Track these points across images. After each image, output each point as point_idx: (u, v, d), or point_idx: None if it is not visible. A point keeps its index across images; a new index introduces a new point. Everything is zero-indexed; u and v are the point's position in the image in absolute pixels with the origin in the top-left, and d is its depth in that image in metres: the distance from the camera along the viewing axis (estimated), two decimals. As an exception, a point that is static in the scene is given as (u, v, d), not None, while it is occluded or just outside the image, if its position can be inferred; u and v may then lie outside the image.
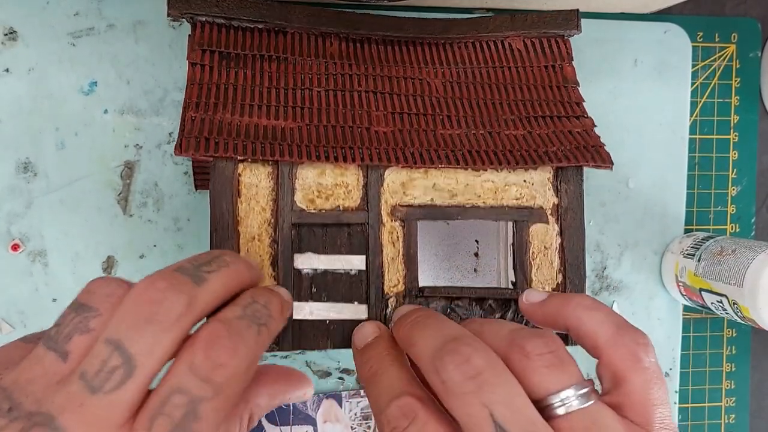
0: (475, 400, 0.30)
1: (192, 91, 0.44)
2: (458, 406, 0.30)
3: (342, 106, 0.46)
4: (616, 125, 0.61)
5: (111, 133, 0.55)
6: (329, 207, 0.43)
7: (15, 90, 0.54)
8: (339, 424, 0.57)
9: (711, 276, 0.55)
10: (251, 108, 0.44)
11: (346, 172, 0.43)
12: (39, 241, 0.54)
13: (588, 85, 0.59)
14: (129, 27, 0.55)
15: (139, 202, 0.55)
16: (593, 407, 0.31)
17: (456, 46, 0.51)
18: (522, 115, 0.48)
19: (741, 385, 0.66)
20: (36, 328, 0.54)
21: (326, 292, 0.43)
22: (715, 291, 0.55)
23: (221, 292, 0.32)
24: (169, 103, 0.55)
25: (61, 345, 0.29)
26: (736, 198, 0.65)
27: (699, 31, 0.64)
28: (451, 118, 0.47)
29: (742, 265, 0.52)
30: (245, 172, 0.42)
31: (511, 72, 0.50)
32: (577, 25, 0.51)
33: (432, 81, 0.49)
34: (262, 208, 0.42)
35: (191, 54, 0.45)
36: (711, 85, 0.64)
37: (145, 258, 0.55)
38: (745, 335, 0.66)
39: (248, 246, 0.42)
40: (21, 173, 0.54)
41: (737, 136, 0.65)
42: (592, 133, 0.47)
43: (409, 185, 0.44)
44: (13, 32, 0.54)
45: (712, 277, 0.55)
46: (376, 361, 0.37)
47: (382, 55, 0.49)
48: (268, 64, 0.47)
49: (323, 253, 0.43)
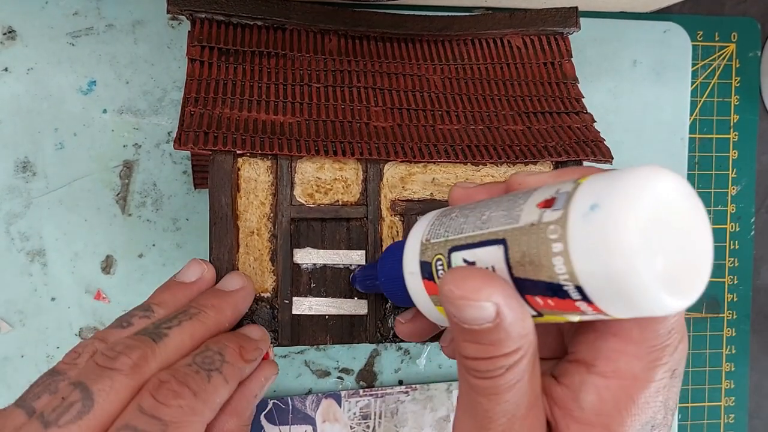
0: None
1: (191, 87, 0.44)
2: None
3: (341, 101, 0.46)
4: (616, 124, 0.61)
5: (110, 133, 0.55)
6: (328, 201, 0.43)
7: (14, 90, 0.54)
8: (338, 423, 0.56)
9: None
10: (250, 103, 0.44)
11: (345, 167, 0.43)
12: (38, 241, 0.54)
13: (588, 85, 0.59)
14: (128, 27, 0.55)
15: (138, 201, 0.55)
16: None
17: (455, 43, 0.51)
18: (521, 110, 0.48)
19: (740, 384, 0.65)
20: (35, 328, 0.54)
21: (325, 288, 0.43)
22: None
23: (186, 341, 0.35)
24: (168, 103, 0.55)
25: (28, 402, 0.32)
26: (735, 197, 0.65)
27: (699, 31, 0.64)
28: (450, 114, 0.47)
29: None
30: (244, 167, 0.42)
31: (510, 68, 0.50)
32: (576, 22, 0.51)
33: (431, 77, 0.49)
34: (261, 203, 0.42)
35: (190, 50, 0.45)
36: (711, 84, 0.64)
37: (144, 257, 0.55)
38: (745, 335, 0.65)
39: (247, 240, 0.42)
40: (20, 173, 0.54)
41: (737, 135, 0.65)
42: (592, 128, 0.47)
43: (408, 180, 0.44)
44: (12, 32, 0.54)
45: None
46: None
47: (381, 51, 0.49)
48: (267, 60, 0.47)
49: (322, 247, 0.43)
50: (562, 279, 0.26)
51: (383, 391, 0.57)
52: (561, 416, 0.31)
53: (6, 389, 0.54)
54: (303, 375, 0.58)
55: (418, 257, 0.35)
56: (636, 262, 0.23)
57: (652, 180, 0.24)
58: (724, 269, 0.65)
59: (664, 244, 0.24)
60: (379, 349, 0.59)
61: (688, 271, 0.25)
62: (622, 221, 0.23)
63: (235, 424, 0.36)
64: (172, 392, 0.31)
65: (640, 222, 0.23)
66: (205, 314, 0.36)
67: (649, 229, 0.24)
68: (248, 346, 0.37)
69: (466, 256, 0.31)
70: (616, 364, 0.30)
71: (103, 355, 0.32)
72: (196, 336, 0.35)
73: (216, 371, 0.34)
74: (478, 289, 0.28)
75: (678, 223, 0.25)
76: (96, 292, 0.55)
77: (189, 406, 0.31)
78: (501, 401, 0.29)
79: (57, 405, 0.30)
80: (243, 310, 0.40)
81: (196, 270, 0.40)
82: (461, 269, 0.29)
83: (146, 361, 0.32)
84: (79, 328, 0.55)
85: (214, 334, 0.37)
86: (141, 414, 0.30)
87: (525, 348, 0.29)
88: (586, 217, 0.25)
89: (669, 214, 0.25)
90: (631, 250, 0.23)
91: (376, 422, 0.57)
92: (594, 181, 0.26)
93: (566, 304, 0.27)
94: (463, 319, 0.29)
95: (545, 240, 0.26)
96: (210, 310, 0.37)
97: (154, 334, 0.34)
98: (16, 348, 0.54)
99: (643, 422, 0.30)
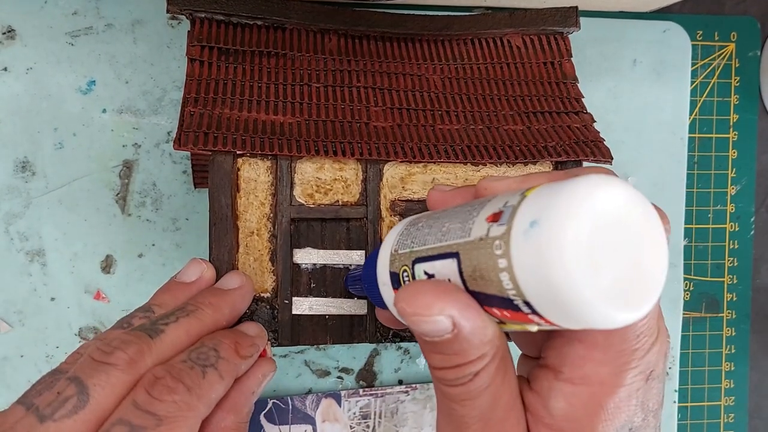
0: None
1: (191, 87, 0.44)
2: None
3: (341, 101, 0.46)
4: (616, 124, 0.61)
5: (109, 133, 0.55)
6: (328, 202, 0.43)
7: (13, 89, 0.54)
8: (338, 423, 0.56)
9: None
10: (250, 103, 0.44)
11: (345, 167, 0.43)
12: (37, 241, 0.54)
13: (587, 84, 0.59)
14: (127, 26, 0.55)
15: (137, 201, 0.55)
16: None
17: (455, 43, 0.51)
18: (521, 110, 0.48)
19: (740, 384, 0.65)
20: (34, 328, 0.54)
21: (325, 288, 0.43)
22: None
23: (183, 338, 0.35)
24: (167, 103, 0.55)
25: (29, 399, 0.32)
26: (735, 197, 0.65)
27: (698, 30, 0.64)
28: (449, 114, 0.47)
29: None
30: (244, 167, 0.42)
31: (510, 68, 0.50)
32: (576, 22, 0.51)
33: (431, 77, 0.49)
34: (261, 203, 0.42)
35: (190, 50, 0.45)
36: (710, 83, 0.64)
37: (144, 257, 0.55)
38: (745, 334, 0.65)
39: (247, 241, 0.42)
40: (19, 173, 0.54)
41: (737, 134, 0.65)
42: (592, 128, 0.47)
43: (408, 180, 0.44)
44: (12, 31, 0.53)
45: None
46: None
47: (380, 51, 0.49)
48: (267, 59, 0.47)
49: (322, 248, 0.43)
50: (511, 294, 0.25)
51: (383, 390, 0.57)
52: (533, 422, 0.31)
53: (5, 389, 0.54)
54: (303, 375, 0.58)
55: (388, 268, 0.35)
56: (577, 279, 0.23)
57: (591, 192, 0.23)
58: (724, 269, 0.65)
59: (608, 258, 0.23)
60: (378, 348, 0.59)
61: (638, 283, 0.24)
62: (560, 238, 0.23)
63: (232, 421, 0.36)
64: (166, 388, 0.31)
65: (579, 237, 0.23)
66: (202, 311, 0.37)
67: (590, 244, 0.23)
68: (244, 343, 0.37)
69: (427, 268, 0.31)
70: (583, 371, 0.30)
71: (99, 350, 0.32)
72: (192, 333, 0.35)
73: (211, 367, 0.34)
74: (430, 304, 0.28)
75: (625, 233, 0.24)
76: (96, 292, 0.55)
77: (183, 401, 0.32)
78: (474, 406, 0.29)
79: (53, 399, 0.31)
80: (241, 308, 0.40)
81: (196, 270, 0.40)
82: (413, 284, 0.29)
83: (142, 356, 0.32)
84: (78, 328, 0.55)
85: (211, 331, 0.37)
86: (135, 409, 0.31)
87: (490, 353, 0.29)
88: (526, 234, 0.24)
89: (614, 226, 0.24)
90: (571, 267, 0.22)
91: (376, 422, 0.57)
92: (537, 195, 0.25)
93: (520, 317, 0.26)
94: (420, 334, 0.29)
95: (492, 255, 0.26)
96: (207, 308, 0.37)
97: (150, 330, 0.34)
98: (15, 348, 0.54)
99: (618, 427, 0.29)
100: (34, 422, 0.30)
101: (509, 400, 0.30)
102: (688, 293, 0.64)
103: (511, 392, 0.30)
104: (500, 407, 0.29)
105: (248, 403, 0.38)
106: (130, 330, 0.34)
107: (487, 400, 0.29)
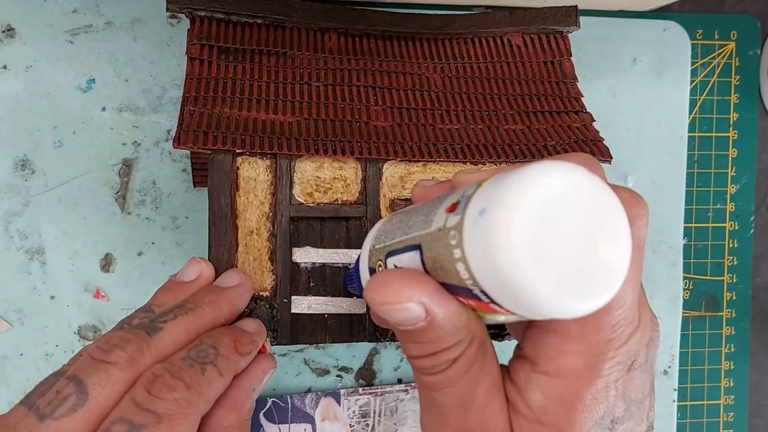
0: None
1: (191, 86, 0.44)
2: None
3: (340, 100, 0.46)
4: (615, 123, 0.61)
5: (109, 131, 0.55)
6: (327, 201, 0.43)
7: (13, 87, 0.54)
8: (337, 422, 0.56)
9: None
10: (250, 102, 0.44)
11: (345, 166, 0.43)
12: (37, 239, 0.54)
13: (587, 83, 0.59)
14: (127, 25, 0.55)
15: (137, 199, 0.55)
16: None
17: (455, 42, 0.51)
18: (521, 109, 0.48)
19: (740, 383, 0.65)
20: (34, 327, 0.54)
21: (324, 287, 0.43)
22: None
23: (182, 336, 0.35)
24: (167, 101, 0.55)
25: (32, 399, 0.32)
26: (735, 196, 0.65)
27: (698, 29, 0.64)
28: (449, 113, 0.46)
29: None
30: (243, 166, 0.42)
31: (509, 67, 0.50)
32: (576, 21, 0.51)
33: (431, 76, 0.49)
34: (260, 202, 0.42)
35: (190, 48, 0.45)
36: (710, 82, 0.64)
37: (144, 256, 0.55)
38: (744, 333, 0.65)
39: (246, 240, 0.42)
40: (19, 171, 0.54)
41: (736, 133, 0.64)
42: (591, 128, 0.47)
43: (408, 179, 0.44)
44: (11, 29, 0.53)
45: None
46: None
47: (380, 50, 0.49)
48: (267, 58, 0.47)
49: (321, 247, 0.43)
50: (468, 284, 0.25)
51: (382, 389, 0.57)
52: (513, 413, 0.30)
53: (5, 388, 0.54)
54: (302, 373, 0.58)
55: (368, 263, 0.34)
56: (523, 267, 0.22)
57: (538, 178, 0.22)
58: (724, 267, 0.65)
59: (557, 245, 0.22)
60: (378, 347, 0.59)
61: (594, 271, 0.23)
62: (504, 225, 0.22)
63: (234, 419, 0.36)
64: (166, 386, 0.31)
65: (524, 224, 0.22)
66: (201, 309, 0.37)
67: (536, 230, 0.22)
68: (243, 339, 0.37)
69: (396, 261, 0.31)
70: (557, 363, 0.29)
71: (98, 349, 0.32)
72: (191, 330, 0.35)
73: (210, 364, 0.34)
74: (398, 292, 0.27)
75: (576, 220, 0.23)
76: (95, 291, 0.55)
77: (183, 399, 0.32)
78: (453, 394, 0.29)
79: (52, 398, 0.31)
80: (240, 306, 0.40)
81: (195, 268, 0.40)
82: (381, 274, 0.29)
83: (141, 354, 0.32)
84: (78, 326, 0.55)
85: (210, 329, 0.37)
86: (135, 407, 0.31)
87: (467, 339, 0.28)
88: (476, 223, 0.23)
89: (564, 212, 0.23)
90: (516, 255, 0.22)
91: (376, 420, 0.57)
92: (489, 184, 0.24)
93: (483, 306, 0.25)
94: (394, 323, 0.29)
95: (447, 245, 0.25)
96: (206, 306, 0.37)
97: (149, 328, 0.34)
98: (15, 347, 0.54)
99: (597, 418, 0.29)
100: (34, 421, 0.30)
101: (489, 386, 0.30)
102: (688, 292, 0.64)
103: (492, 379, 0.30)
104: (480, 394, 0.29)
105: (249, 401, 0.38)
106: (129, 329, 0.34)
107: (465, 386, 0.29)
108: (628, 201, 0.27)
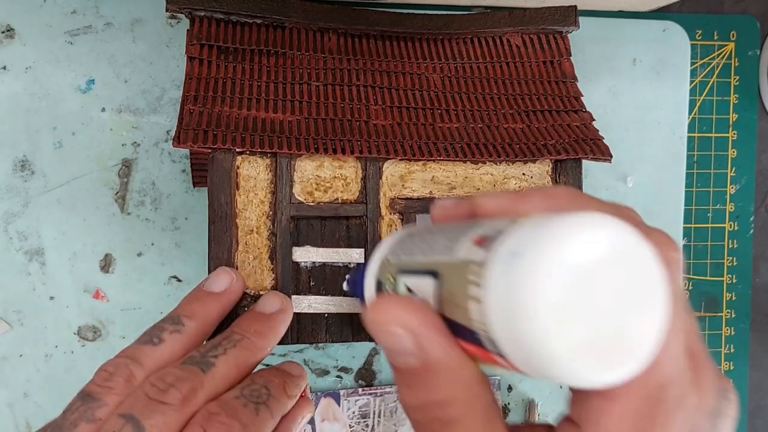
0: None
1: (190, 85, 0.44)
2: None
3: (340, 99, 0.46)
4: (615, 123, 0.61)
5: (108, 132, 0.55)
6: (328, 200, 0.43)
7: (12, 88, 0.54)
8: (337, 422, 0.56)
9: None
10: (250, 101, 0.44)
11: (345, 165, 0.43)
12: (36, 240, 0.54)
13: (587, 84, 0.59)
14: (127, 25, 0.55)
15: (136, 200, 0.55)
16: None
17: (454, 42, 0.51)
18: (520, 109, 0.48)
19: (739, 383, 0.65)
20: (33, 327, 0.54)
21: (324, 286, 0.43)
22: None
23: (233, 371, 0.35)
24: (166, 102, 0.55)
25: (67, 431, 0.31)
26: (734, 196, 0.65)
27: (698, 29, 0.64)
28: (449, 112, 0.46)
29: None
30: (244, 165, 0.42)
31: (509, 67, 0.50)
32: (575, 21, 0.51)
33: (430, 76, 0.49)
34: (260, 201, 0.42)
35: (190, 48, 0.45)
36: (710, 83, 0.64)
37: (143, 256, 0.55)
38: (744, 333, 0.65)
39: (246, 239, 0.42)
40: (18, 172, 0.54)
41: (736, 134, 0.65)
42: (591, 127, 0.47)
43: (408, 178, 0.44)
44: (11, 30, 0.53)
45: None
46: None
47: (380, 50, 0.49)
48: (267, 58, 0.47)
49: (322, 246, 0.43)
50: (476, 326, 0.22)
51: (382, 390, 0.57)
52: None
53: (4, 388, 0.54)
54: (302, 374, 0.58)
55: (376, 274, 0.33)
56: (545, 326, 0.20)
57: (583, 232, 0.20)
58: (723, 268, 0.65)
59: (590, 310, 0.20)
60: (378, 347, 0.59)
61: (623, 341, 0.21)
62: (539, 277, 0.20)
63: None
64: (223, 425, 0.31)
65: (559, 281, 0.20)
66: (249, 341, 0.36)
67: (571, 292, 0.20)
68: (291, 382, 0.37)
69: (408, 281, 0.28)
70: (604, 428, 0.24)
71: (153, 386, 0.32)
72: (240, 364, 0.35)
73: (263, 405, 0.34)
74: (387, 310, 0.25)
75: (615, 286, 0.21)
76: (95, 291, 0.55)
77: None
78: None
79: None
80: (282, 333, 0.40)
81: (225, 279, 0.40)
82: (387, 297, 0.28)
83: (195, 393, 0.32)
84: (77, 327, 0.54)
85: (258, 360, 0.37)
86: None
87: (463, 398, 0.25)
88: (504, 265, 0.21)
89: (604, 275, 0.21)
90: (541, 312, 0.20)
91: (375, 421, 0.57)
92: (528, 223, 0.22)
93: (486, 355, 0.23)
94: (385, 348, 0.26)
95: (465, 279, 0.23)
96: (253, 336, 0.37)
97: (202, 364, 0.34)
98: (14, 347, 0.54)
99: None
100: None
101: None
102: (687, 292, 0.64)
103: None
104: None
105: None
106: (181, 364, 0.34)
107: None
108: (662, 244, 0.25)
